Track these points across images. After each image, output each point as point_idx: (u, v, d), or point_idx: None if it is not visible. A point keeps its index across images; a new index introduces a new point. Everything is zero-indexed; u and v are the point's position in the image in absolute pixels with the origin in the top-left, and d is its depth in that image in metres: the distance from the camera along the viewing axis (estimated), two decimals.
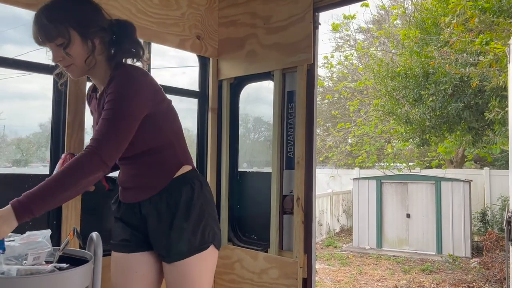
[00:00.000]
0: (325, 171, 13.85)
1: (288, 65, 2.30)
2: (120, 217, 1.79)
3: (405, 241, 8.45)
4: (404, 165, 13.37)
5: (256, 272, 2.36)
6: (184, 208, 1.65)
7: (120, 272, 1.77)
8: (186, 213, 1.65)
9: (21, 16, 2.39)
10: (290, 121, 2.34)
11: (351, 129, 13.09)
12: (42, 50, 1.62)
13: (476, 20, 5.22)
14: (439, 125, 7.59)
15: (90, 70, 1.65)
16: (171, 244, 1.65)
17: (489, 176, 10.32)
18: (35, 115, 3.98)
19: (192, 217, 1.65)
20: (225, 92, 2.63)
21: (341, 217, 11.08)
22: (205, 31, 2.58)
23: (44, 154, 4.27)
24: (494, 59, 5.19)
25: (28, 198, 1.36)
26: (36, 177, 1.92)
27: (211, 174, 2.62)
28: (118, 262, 1.78)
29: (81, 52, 1.58)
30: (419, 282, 6.29)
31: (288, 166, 2.34)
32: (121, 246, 1.77)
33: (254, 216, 2.55)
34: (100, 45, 1.62)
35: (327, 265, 7.43)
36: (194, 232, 1.65)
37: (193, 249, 1.65)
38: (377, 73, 8.50)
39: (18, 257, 1.35)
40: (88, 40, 1.58)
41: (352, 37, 15.29)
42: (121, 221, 1.78)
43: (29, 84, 3.40)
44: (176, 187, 1.67)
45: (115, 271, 1.79)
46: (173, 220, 1.64)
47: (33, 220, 1.88)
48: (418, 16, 7.78)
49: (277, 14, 2.35)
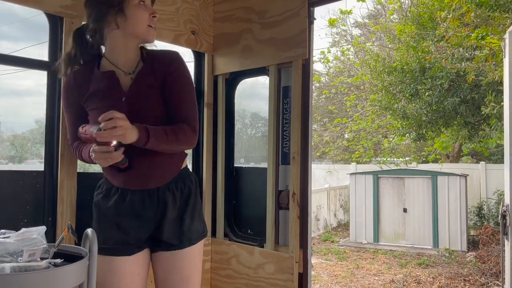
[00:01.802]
0: (322, 166, 13.87)
1: (283, 60, 2.29)
2: (124, 211, 1.68)
3: (402, 236, 8.48)
4: (401, 160, 13.40)
5: (252, 267, 2.37)
6: (192, 197, 1.77)
7: (121, 278, 1.67)
8: (194, 202, 1.77)
9: (16, 12, 2.37)
10: (285, 116, 2.34)
11: (348, 124, 13.09)
12: (37, 46, 1.62)
13: (472, 15, 5.22)
14: (436, 120, 7.61)
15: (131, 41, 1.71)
16: (184, 231, 1.73)
17: (485, 170, 10.36)
18: (31, 112, 3.97)
19: (197, 206, 1.79)
20: (220, 88, 2.62)
21: (338, 212, 11.11)
22: (200, 26, 2.57)
23: (38, 151, 4.26)
24: (490, 54, 5.20)
25: (152, 131, 1.55)
26: (30, 174, 1.92)
27: (207, 170, 2.62)
28: (116, 268, 1.66)
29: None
30: (415, 276, 6.33)
31: (284, 162, 2.34)
32: (120, 250, 1.68)
33: (250, 211, 2.55)
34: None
35: (324, 260, 7.46)
36: (199, 219, 1.80)
37: (198, 236, 1.78)
38: (374, 68, 8.49)
39: (13, 253, 1.35)
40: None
41: (348, 32, 15.28)
42: (121, 215, 1.68)
43: (24, 80, 3.38)
44: (186, 176, 1.78)
45: (112, 278, 1.66)
46: (185, 208, 1.74)
47: (27, 216, 1.88)
48: (414, 11, 7.77)
49: (272, 9, 2.35)
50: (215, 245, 2.58)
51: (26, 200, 1.89)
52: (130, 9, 1.64)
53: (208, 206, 2.60)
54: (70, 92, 1.73)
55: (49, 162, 1.95)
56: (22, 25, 1.66)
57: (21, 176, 1.90)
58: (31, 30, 2.72)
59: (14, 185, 1.87)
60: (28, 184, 1.90)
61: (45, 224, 1.86)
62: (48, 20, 1.97)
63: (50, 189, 1.94)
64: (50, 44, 1.97)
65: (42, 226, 1.46)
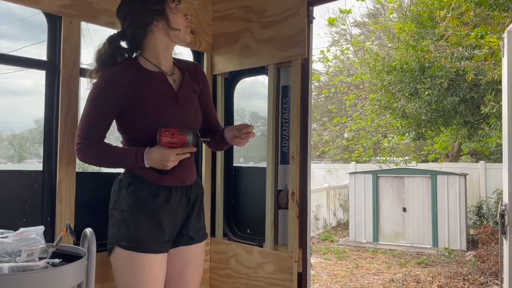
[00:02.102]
0: (322, 166, 13.86)
1: (282, 59, 2.29)
2: (166, 209, 1.74)
3: (401, 235, 8.49)
4: (400, 159, 13.40)
5: (251, 266, 2.36)
6: (203, 195, 1.98)
7: (160, 275, 1.72)
8: (203, 200, 1.97)
9: (15, 11, 2.36)
10: (284, 116, 2.34)
11: (347, 123, 13.09)
12: (36, 46, 1.62)
13: (472, 14, 5.22)
14: (435, 119, 7.60)
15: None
16: (201, 226, 1.91)
17: (484, 169, 10.37)
18: (30, 111, 3.96)
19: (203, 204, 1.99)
20: (219, 87, 2.62)
21: (337, 211, 11.11)
22: (199, 25, 2.57)
23: (37, 151, 4.26)
24: (489, 53, 5.20)
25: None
26: (29, 173, 1.91)
27: (206, 169, 2.62)
28: (156, 265, 1.70)
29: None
30: (415, 275, 6.33)
31: (283, 161, 2.33)
32: (162, 247, 1.74)
33: (249, 211, 2.55)
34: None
35: (323, 259, 7.46)
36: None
37: (206, 231, 1.99)
38: (373, 67, 8.49)
39: (12, 253, 1.35)
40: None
41: (348, 31, 15.27)
42: (165, 213, 1.73)
43: (23, 79, 3.38)
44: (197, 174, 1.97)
45: (149, 273, 1.68)
46: (202, 205, 1.93)
47: (26, 216, 1.88)
48: (414, 10, 7.77)
49: (271, 8, 2.34)
50: (214, 245, 2.58)
51: (24, 200, 1.89)
52: (170, 12, 1.75)
53: (207, 206, 2.60)
54: (109, 89, 1.71)
55: (48, 162, 1.94)
56: (20, 25, 1.66)
57: (19, 176, 1.89)
58: (29, 30, 2.71)
59: (13, 185, 1.87)
60: (26, 184, 1.90)
61: (44, 224, 1.85)
62: (47, 20, 1.97)
63: (48, 189, 1.93)
64: (48, 43, 1.97)
65: (41, 226, 1.46)
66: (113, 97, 1.70)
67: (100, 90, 1.72)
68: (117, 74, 1.72)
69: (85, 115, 1.72)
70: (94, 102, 1.72)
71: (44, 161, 1.95)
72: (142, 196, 1.72)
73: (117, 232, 1.70)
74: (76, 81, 1.99)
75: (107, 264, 2.06)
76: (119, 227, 1.70)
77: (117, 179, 1.81)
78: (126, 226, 1.69)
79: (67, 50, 1.96)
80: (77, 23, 2.00)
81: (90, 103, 1.72)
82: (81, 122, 1.73)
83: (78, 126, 1.75)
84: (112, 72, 1.73)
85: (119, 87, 1.70)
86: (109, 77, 1.72)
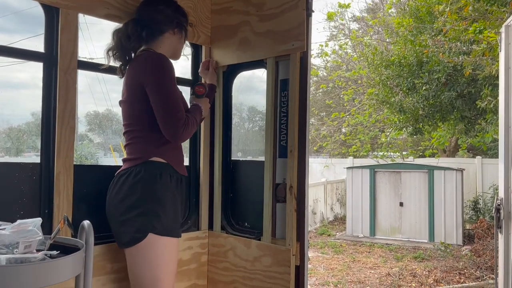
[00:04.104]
0: (319, 160, 13.90)
1: (281, 53, 2.28)
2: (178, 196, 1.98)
3: (398, 229, 8.53)
4: (398, 154, 13.44)
5: (249, 260, 2.37)
6: None
7: (176, 256, 1.97)
8: None
9: (10, 4, 2.34)
10: (283, 110, 2.33)
11: (345, 118, 13.11)
12: (32, 39, 1.61)
13: (470, 9, 5.22)
14: (432, 114, 7.62)
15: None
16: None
17: (481, 164, 10.41)
18: (27, 104, 3.94)
19: None
20: (218, 80, 2.61)
21: (334, 205, 11.15)
22: (197, 18, 2.55)
23: (35, 143, 4.24)
24: (487, 48, 5.20)
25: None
26: (27, 166, 1.91)
27: (204, 163, 2.62)
28: (176, 247, 1.95)
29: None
30: (411, 269, 6.37)
31: (281, 155, 2.33)
32: (180, 231, 2.02)
33: (247, 204, 2.55)
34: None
35: (320, 253, 7.49)
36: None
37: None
38: (371, 62, 8.49)
39: (9, 245, 1.35)
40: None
41: (346, 26, 15.24)
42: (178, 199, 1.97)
43: (20, 73, 3.37)
44: None
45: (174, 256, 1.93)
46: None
47: (23, 209, 1.88)
48: (412, 4, 7.76)
49: (270, 1, 2.33)
50: (212, 238, 2.58)
51: (22, 192, 1.88)
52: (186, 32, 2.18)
53: (205, 199, 2.60)
54: (171, 69, 1.97)
55: (46, 154, 1.93)
56: (16, 18, 1.65)
57: (17, 168, 1.89)
58: (26, 23, 2.69)
59: (10, 177, 1.86)
60: (24, 176, 1.89)
61: (42, 216, 1.84)
62: (44, 11, 1.95)
63: (46, 181, 1.93)
64: (46, 35, 1.95)
65: (38, 218, 1.45)
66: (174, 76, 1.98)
67: (169, 71, 1.94)
68: (167, 60, 1.97)
69: (167, 93, 1.89)
70: (171, 82, 1.93)
71: (42, 153, 1.94)
72: (171, 184, 1.95)
73: (151, 220, 1.84)
74: (73, 73, 1.98)
75: (104, 256, 2.06)
76: (153, 215, 1.85)
77: (129, 170, 1.91)
78: (162, 214, 1.87)
79: (64, 42, 1.95)
80: (74, 15, 1.98)
81: (166, 83, 1.90)
82: (167, 102, 1.88)
83: (166, 107, 1.88)
84: (165, 56, 1.96)
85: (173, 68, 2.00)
86: (168, 60, 1.96)
